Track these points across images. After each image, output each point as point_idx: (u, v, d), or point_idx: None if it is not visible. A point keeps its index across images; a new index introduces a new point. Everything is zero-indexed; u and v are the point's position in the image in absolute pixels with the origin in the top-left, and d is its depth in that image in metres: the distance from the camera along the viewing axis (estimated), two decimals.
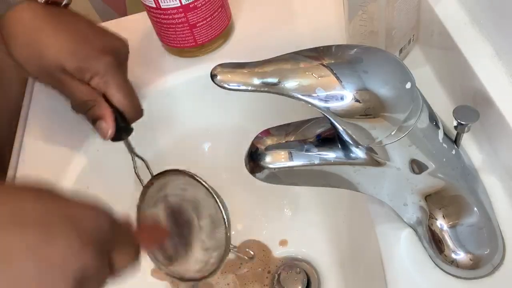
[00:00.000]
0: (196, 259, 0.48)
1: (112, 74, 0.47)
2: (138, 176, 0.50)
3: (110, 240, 0.33)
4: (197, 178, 0.46)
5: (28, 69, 0.47)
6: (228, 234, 0.46)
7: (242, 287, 0.59)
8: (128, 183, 0.52)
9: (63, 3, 0.49)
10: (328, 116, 0.32)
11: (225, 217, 0.46)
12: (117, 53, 0.49)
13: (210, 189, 0.46)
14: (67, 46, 0.46)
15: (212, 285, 0.59)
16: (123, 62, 0.50)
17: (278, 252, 0.61)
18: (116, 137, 0.48)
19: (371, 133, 0.33)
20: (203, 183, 0.46)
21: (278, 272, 0.58)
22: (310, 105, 0.31)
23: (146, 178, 0.50)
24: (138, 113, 0.49)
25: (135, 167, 0.50)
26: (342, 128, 0.33)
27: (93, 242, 0.31)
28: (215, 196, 0.46)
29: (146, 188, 0.49)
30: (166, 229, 0.48)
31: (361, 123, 0.32)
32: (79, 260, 0.30)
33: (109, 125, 0.46)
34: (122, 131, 0.48)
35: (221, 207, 0.46)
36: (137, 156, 0.50)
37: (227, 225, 0.46)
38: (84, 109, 0.47)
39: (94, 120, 0.47)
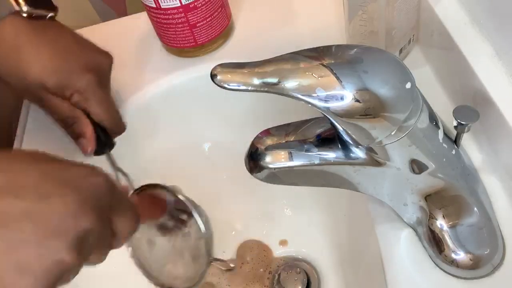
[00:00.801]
0: (178, 271, 0.49)
1: (93, 91, 0.47)
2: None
3: (109, 204, 0.33)
4: (176, 193, 0.46)
5: (10, 85, 0.46)
6: (208, 249, 0.46)
7: (242, 287, 0.59)
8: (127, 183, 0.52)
9: (48, 16, 0.48)
10: (328, 116, 0.32)
11: (202, 231, 0.45)
12: (100, 68, 0.49)
13: (189, 204, 0.46)
14: (49, 63, 0.45)
15: (214, 285, 0.59)
16: (105, 77, 0.50)
17: (278, 252, 0.61)
18: (98, 152, 0.48)
19: (371, 133, 0.33)
20: (182, 197, 0.46)
21: (278, 272, 0.58)
22: (310, 105, 0.31)
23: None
24: (120, 127, 0.49)
25: (117, 181, 0.50)
26: (342, 128, 0.33)
27: (91, 204, 0.30)
28: (194, 210, 0.45)
29: None
30: (164, 202, 0.47)
31: (361, 123, 0.32)
32: (78, 223, 0.29)
33: (89, 143, 0.47)
34: (104, 146, 0.48)
35: (199, 221, 0.45)
36: (119, 170, 0.50)
37: (207, 239, 0.45)
38: (66, 126, 0.47)
39: (76, 137, 0.47)
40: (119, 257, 0.42)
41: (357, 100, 0.31)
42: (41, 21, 0.47)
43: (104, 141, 0.48)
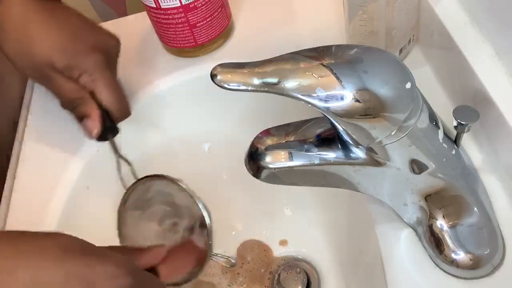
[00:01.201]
0: None
1: (101, 72, 0.46)
2: (121, 179, 0.49)
3: None
4: (181, 184, 0.46)
5: (17, 64, 0.46)
6: (210, 242, 0.46)
7: (242, 286, 0.59)
8: (127, 183, 0.52)
9: None
10: (328, 116, 0.32)
11: (207, 223, 0.45)
12: (108, 51, 0.48)
13: (193, 196, 0.45)
14: (57, 42, 0.45)
15: (214, 285, 0.59)
16: (113, 60, 0.50)
17: (278, 252, 0.61)
18: (101, 137, 0.47)
19: (371, 133, 0.33)
20: (187, 189, 0.45)
21: (278, 272, 0.58)
22: (310, 105, 0.31)
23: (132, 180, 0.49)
24: (126, 112, 0.49)
25: (119, 169, 0.49)
26: (342, 128, 0.33)
27: None
28: (198, 202, 0.45)
29: (128, 191, 0.48)
30: (202, 251, 0.46)
31: (361, 123, 0.32)
32: None
33: (95, 124, 0.46)
34: (108, 131, 0.48)
35: (204, 214, 0.45)
36: (123, 158, 0.49)
37: (209, 232, 0.45)
38: (71, 107, 0.47)
39: (81, 118, 0.46)
40: None
41: (357, 100, 0.31)
42: (48, 2, 0.47)
43: (108, 126, 0.47)
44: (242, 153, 0.38)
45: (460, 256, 0.38)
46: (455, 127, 0.36)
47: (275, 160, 0.36)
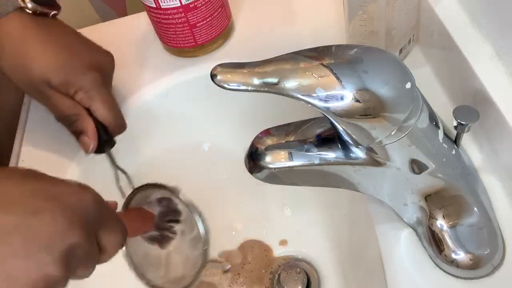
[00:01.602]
0: (173, 270, 0.49)
1: (97, 90, 0.47)
2: (120, 188, 0.50)
3: (97, 220, 0.33)
4: (176, 193, 0.46)
5: (13, 80, 0.47)
6: (205, 248, 0.46)
7: (242, 286, 0.59)
8: (124, 190, 0.52)
9: (51, 13, 0.48)
10: (328, 116, 0.32)
11: (202, 233, 0.45)
12: (103, 67, 0.49)
13: (187, 205, 0.46)
14: (54, 60, 0.46)
15: (215, 285, 0.59)
16: (108, 77, 0.51)
17: (278, 252, 0.61)
18: (99, 150, 0.48)
19: (371, 133, 0.33)
20: (181, 199, 0.46)
21: (278, 272, 0.58)
22: (310, 105, 0.31)
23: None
24: (121, 127, 0.50)
25: (117, 180, 0.50)
26: (342, 128, 0.33)
27: (79, 221, 0.31)
28: (195, 213, 0.46)
29: (128, 199, 0.48)
30: (152, 215, 0.47)
31: (361, 123, 0.32)
32: (66, 238, 0.30)
33: (91, 140, 0.47)
34: (105, 144, 0.49)
35: (199, 224, 0.46)
36: (119, 169, 0.50)
37: (204, 240, 0.46)
38: (67, 123, 0.48)
39: (77, 134, 0.48)
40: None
41: (357, 100, 0.31)
42: (45, 18, 0.48)
43: (105, 139, 0.48)
44: (242, 153, 0.38)
45: (460, 256, 0.38)
46: (455, 127, 0.36)
47: (275, 160, 0.36)
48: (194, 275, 0.47)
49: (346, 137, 0.34)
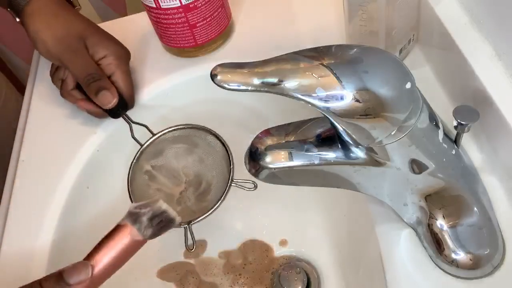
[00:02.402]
0: (198, 197, 0.50)
1: (124, 62, 0.54)
2: (136, 139, 0.52)
3: None
4: (198, 126, 0.50)
5: (44, 37, 0.51)
6: (231, 167, 0.48)
7: (243, 287, 0.59)
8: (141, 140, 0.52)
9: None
10: (328, 116, 0.32)
11: (228, 149, 0.48)
12: (127, 53, 0.56)
13: (209, 130, 0.50)
14: (91, 23, 0.54)
15: (217, 286, 0.59)
16: (128, 60, 0.56)
17: (278, 252, 0.61)
18: (115, 115, 0.53)
19: (371, 133, 0.33)
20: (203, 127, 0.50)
21: (278, 272, 0.58)
22: (310, 105, 0.31)
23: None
24: (133, 101, 0.56)
25: (132, 134, 0.52)
26: (342, 128, 0.33)
27: None
28: (216, 134, 0.49)
29: (146, 145, 0.51)
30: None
31: (361, 123, 0.32)
32: None
33: (114, 95, 0.52)
34: (121, 108, 0.53)
35: (223, 141, 0.49)
36: (136, 123, 0.53)
37: (231, 157, 0.48)
38: (88, 81, 0.51)
39: (98, 91, 0.51)
40: None
41: (357, 100, 0.31)
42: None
43: (122, 105, 0.53)
44: (242, 153, 0.38)
45: (460, 256, 0.38)
46: (455, 127, 0.36)
47: (275, 160, 0.36)
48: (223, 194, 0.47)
49: (346, 137, 0.34)
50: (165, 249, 0.61)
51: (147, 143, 0.51)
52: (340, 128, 0.33)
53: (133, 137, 0.51)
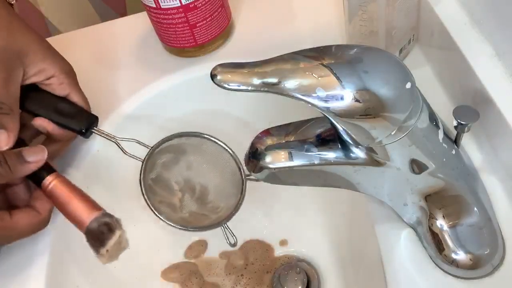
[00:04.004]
0: (211, 206, 0.49)
1: (75, 79, 0.49)
2: (132, 156, 0.48)
3: None
4: (199, 134, 0.47)
5: None
6: (243, 177, 0.46)
7: (243, 287, 0.59)
8: (128, 184, 0.52)
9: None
10: (328, 116, 0.32)
11: (236, 159, 0.46)
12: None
13: (214, 139, 0.47)
14: (37, 38, 0.46)
15: (218, 286, 0.59)
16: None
17: (278, 252, 0.61)
18: (85, 135, 0.49)
19: (371, 133, 0.33)
20: (210, 137, 0.47)
21: (278, 272, 0.58)
22: (310, 105, 0.31)
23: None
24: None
25: (123, 151, 0.49)
26: (342, 128, 0.33)
27: None
28: (221, 143, 0.47)
29: (147, 159, 0.48)
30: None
31: (361, 123, 0.32)
32: None
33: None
34: (91, 124, 0.49)
35: (231, 152, 0.47)
36: (123, 140, 0.49)
37: (240, 166, 0.46)
38: None
39: None
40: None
41: (357, 100, 0.31)
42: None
43: (91, 120, 0.49)
44: (242, 153, 0.38)
45: (460, 256, 0.38)
46: (455, 127, 0.36)
47: (275, 160, 0.36)
48: (241, 192, 0.46)
49: (346, 137, 0.34)
50: (166, 250, 0.61)
51: (147, 157, 0.47)
52: (340, 128, 0.33)
53: (127, 154, 0.48)
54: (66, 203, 0.43)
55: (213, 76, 0.31)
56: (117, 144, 0.48)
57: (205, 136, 0.48)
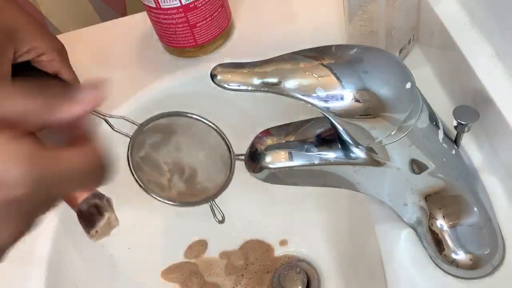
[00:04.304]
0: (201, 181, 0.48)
1: (66, 57, 0.49)
2: (120, 131, 0.47)
3: None
4: (183, 113, 0.47)
5: None
6: (232, 157, 0.46)
7: (243, 287, 0.59)
8: (127, 183, 0.52)
9: None
10: (328, 116, 0.32)
11: (226, 139, 0.46)
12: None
13: (203, 119, 0.47)
14: (25, 14, 0.46)
15: (219, 286, 0.59)
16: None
17: (278, 252, 0.61)
18: None
19: (371, 133, 0.33)
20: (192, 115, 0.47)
21: (278, 272, 0.58)
22: (310, 105, 0.31)
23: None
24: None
25: (112, 127, 0.48)
26: (342, 128, 0.33)
27: None
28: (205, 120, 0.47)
29: (134, 136, 0.47)
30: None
31: (361, 123, 0.32)
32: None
33: None
34: None
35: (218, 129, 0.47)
36: (112, 117, 0.48)
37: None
38: None
39: None
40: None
41: (357, 100, 0.31)
42: None
43: None
44: (242, 153, 0.38)
45: (460, 256, 0.38)
46: (455, 127, 0.36)
47: (275, 160, 0.36)
48: (230, 172, 0.46)
49: (346, 137, 0.34)
50: (166, 250, 0.61)
51: (135, 134, 0.47)
52: (340, 128, 0.33)
53: (115, 130, 0.48)
54: None
55: (213, 76, 0.31)
56: (105, 121, 0.48)
57: (194, 116, 0.48)
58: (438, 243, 0.39)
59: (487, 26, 0.43)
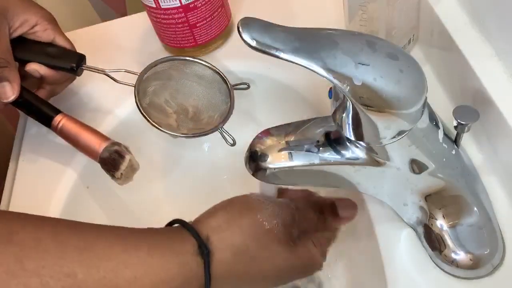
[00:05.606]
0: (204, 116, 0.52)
1: (57, 24, 0.51)
2: (123, 82, 0.51)
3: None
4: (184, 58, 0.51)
5: None
6: (229, 87, 0.50)
7: None
8: (127, 183, 0.52)
9: None
10: (353, 100, 0.31)
11: (220, 73, 0.50)
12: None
13: (196, 59, 0.51)
14: None
15: None
16: None
17: None
18: (78, 70, 0.52)
19: (379, 131, 0.33)
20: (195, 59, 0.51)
21: None
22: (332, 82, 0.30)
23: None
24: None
25: (114, 79, 0.52)
26: (356, 115, 0.32)
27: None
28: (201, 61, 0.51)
29: (137, 85, 0.51)
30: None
31: (374, 117, 0.32)
32: None
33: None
34: (80, 63, 0.52)
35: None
36: (112, 71, 0.52)
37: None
38: None
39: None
40: None
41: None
42: None
43: (79, 57, 0.52)
44: (242, 153, 0.38)
45: (460, 256, 0.38)
46: (455, 127, 0.36)
47: (275, 160, 0.36)
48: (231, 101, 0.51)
49: (350, 130, 0.34)
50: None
51: (137, 82, 0.50)
52: (352, 114, 0.33)
53: (118, 82, 0.51)
54: (77, 138, 0.48)
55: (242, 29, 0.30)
56: (107, 75, 0.52)
57: (188, 58, 0.51)
58: (438, 243, 0.39)
59: (487, 26, 0.43)
